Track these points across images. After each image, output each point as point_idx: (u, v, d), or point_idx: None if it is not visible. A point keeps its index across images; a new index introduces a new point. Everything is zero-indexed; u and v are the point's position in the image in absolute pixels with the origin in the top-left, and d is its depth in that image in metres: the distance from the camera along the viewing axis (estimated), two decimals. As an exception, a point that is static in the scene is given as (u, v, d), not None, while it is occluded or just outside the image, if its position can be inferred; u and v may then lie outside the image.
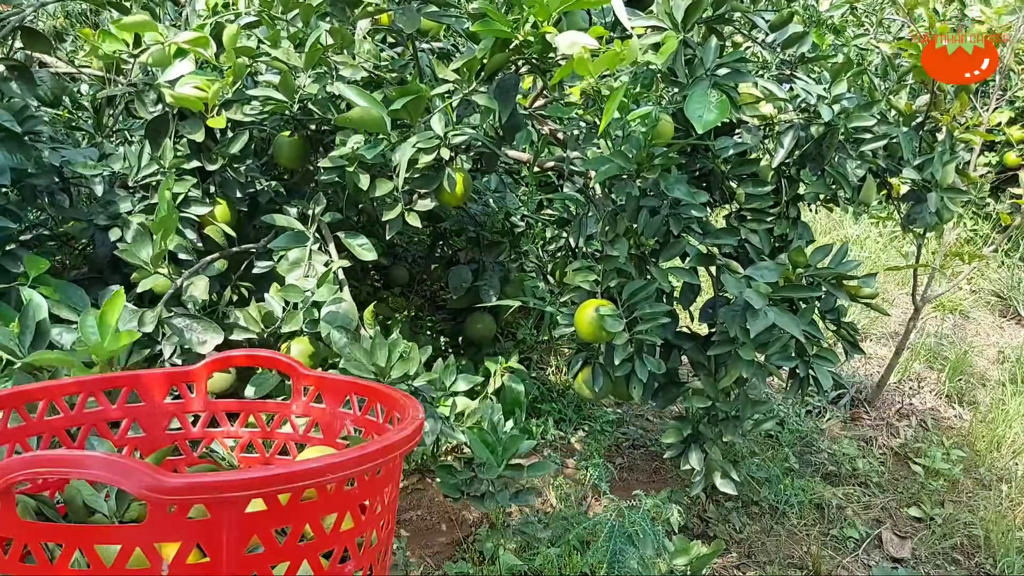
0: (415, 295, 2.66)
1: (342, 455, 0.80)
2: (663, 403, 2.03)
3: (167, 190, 1.55)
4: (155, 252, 1.58)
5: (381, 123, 1.58)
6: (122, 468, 0.70)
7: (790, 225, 1.89)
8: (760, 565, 2.08)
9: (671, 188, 1.69)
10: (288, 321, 1.63)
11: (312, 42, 1.63)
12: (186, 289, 1.65)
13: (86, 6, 3.73)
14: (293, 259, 1.69)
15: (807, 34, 1.84)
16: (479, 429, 1.60)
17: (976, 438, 2.78)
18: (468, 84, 1.65)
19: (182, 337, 1.59)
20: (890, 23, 3.65)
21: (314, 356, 1.63)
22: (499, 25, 1.49)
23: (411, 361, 1.49)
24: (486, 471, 1.60)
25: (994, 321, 3.87)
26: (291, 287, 1.63)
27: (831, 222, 4.51)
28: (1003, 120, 3.97)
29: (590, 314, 1.71)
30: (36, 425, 1.07)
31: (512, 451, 1.61)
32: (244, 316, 1.68)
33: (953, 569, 2.17)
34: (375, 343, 1.47)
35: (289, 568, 0.81)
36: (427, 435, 1.48)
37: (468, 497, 1.62)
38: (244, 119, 1.76)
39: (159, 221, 1.54)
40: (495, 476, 1.60)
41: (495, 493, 1.62)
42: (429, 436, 1.48)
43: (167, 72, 1.67)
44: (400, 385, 1.47)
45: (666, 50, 1.44)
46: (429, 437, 1.48)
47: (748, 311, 1.72)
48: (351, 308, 1.61)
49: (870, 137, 1.85)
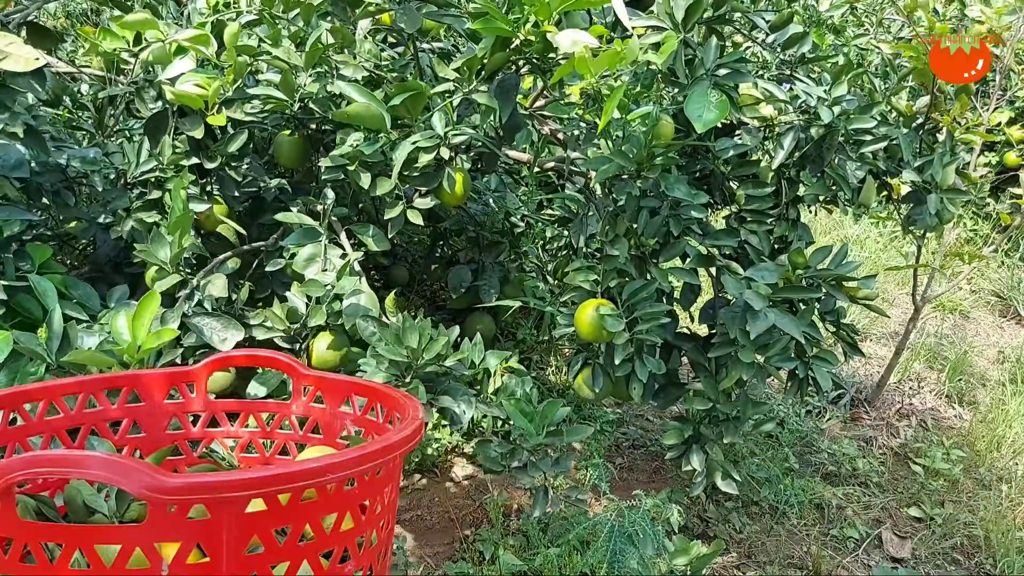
0: (415, 295, 2.66)
1: (342, 455, 0.80)
2: (664, 404, 2.03)
3: (181, 189, 1.55)
4: (173, 252, 1.59)
5: (380, 119, 1.58)
6: (122, 468, 0.70)
7: (790, 226, 1.89)
8: (760, 565, 2.08)
9: (671, 188, 1.69)
10: (313, 316, 1.65)
11: (313, 41, 1.63)
12: (203, 288, 1.65)
13: (87, 5, 3.73)
14: (308, 255, 1.69)
15: (807, 34, 1.84)
16: (516, 400, 1.64)
17: (976, 438, 2.78)
18: (468, 83, 1.65)
19: (202, 335, 1.60)
20: (890, 23, 3.65)
21: (339, 347, 1.64)
22: (500, 24, 1.49)
23: (441, 343, 1.51)
24: (528, 440, 1.64)
25: (994, 321, 3.87)
26: (312, 282, 1.64)
27: (831, 222, 4.51)
28: (1003, 120, 3.97)
29: (590, 314, 1.71)
30: (36, 425, 1.07)
31: (550, 418, 1.65)
32: (268, 315, 1.70)
33: (953, 569, 2.17)
34: (405, 328, 1.49)
35: (289, 568, 0.81)
36: (462, 415, 1.52)
37: (510, 470, 1.66)
38: (244, 118, 1.76)
39: (175, 221, 1.54)
40: (537, 444, 1.64)
41: (537, 462, 1.67)
42: (465, 415, 1.52)
43: (168, 70, 1.68)
44: (432, 366, 1.50)
45: (666, 50, 1.44)
46: (465, 416, 1.52)
47: (748, 312, 1.72)
48: (371, 298, 1.63)
49: (870, 139, 1.85)
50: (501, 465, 1.66)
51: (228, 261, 1.76)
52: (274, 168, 2.08)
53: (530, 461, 1.66)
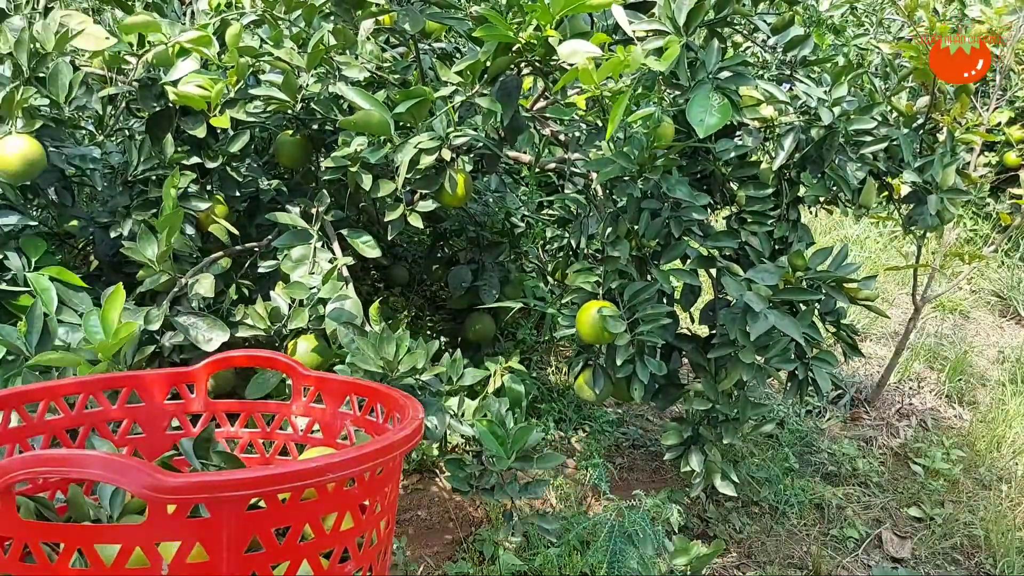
0: (415, 295, 2.66)
1: (342, 455, 0.80)
2: (664, 404, 2.03)
3: (172, 187, 1.55)
4: (160, 250, 1.59)
5: (386, 126, 1.58)
6: (122, 468, 0.70)
7: (790, 227, 1.89)
8: (760, 565, 2.09)
9: (673, 190, 1.70)
10: (294, 318, 1.64)
11: (315, 42, 1.63)
12: (191, 287, 1.65)
13: (87, 5, 3.73)
14: (297, 257, 1.69)
15: (809, 37, 1.84)
16: (488, 422, 1.62)
17: (976, 438, 2.78)
18: (471, 86, 1.65)
19: (187, 335, 1.59)
20: (890, 23, 3.65)
21: (320, 352, 1.64)
22: (502, 29, 1.49)
23: (418, 355, 1.49)
24: (496, 463, 1.61)
25: (994, 321, 3.87)
26: (296, 284, 1.63)
27: (831, 222, 4.50)
28: (1003, 120, 3.97)
29: (592, 315, 1.71)
30: (36, 425, 1.07)
31: (521, 443, 1.62)
32: (251, 314, 1.69)
33: (953, 569, 2.17)
34: (382, 338, 1.47)
35: (289, 568, 0.81)
36: (435, 431, 1.49)
37: (477, 491, 1.63)
38: (246, 118, 1.76)
39: (164, 219, 1.54)
40: (505, 468, 1.61)
41: (504, 485, 1.64)
42: (437, 431, 1.49)
43: (171, 71, 1.68)
44: (408, 379, 1.47)
45: (669, 56, 1.43)
46: (437, 432, 1.49)
47: (749, 314, 1.72)
48: (356, 304, 1.62)
49: (870, 139, 1.85)
50: (469, 486, 1.63)
51: (219, 260, 1.75)
52: (273, 168, 2.08)
53: (497, 484, 1.64)
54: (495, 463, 1.61)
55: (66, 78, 1.59)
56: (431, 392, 1.53)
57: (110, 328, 1.32)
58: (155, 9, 1.99)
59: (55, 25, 1.59)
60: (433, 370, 1.53)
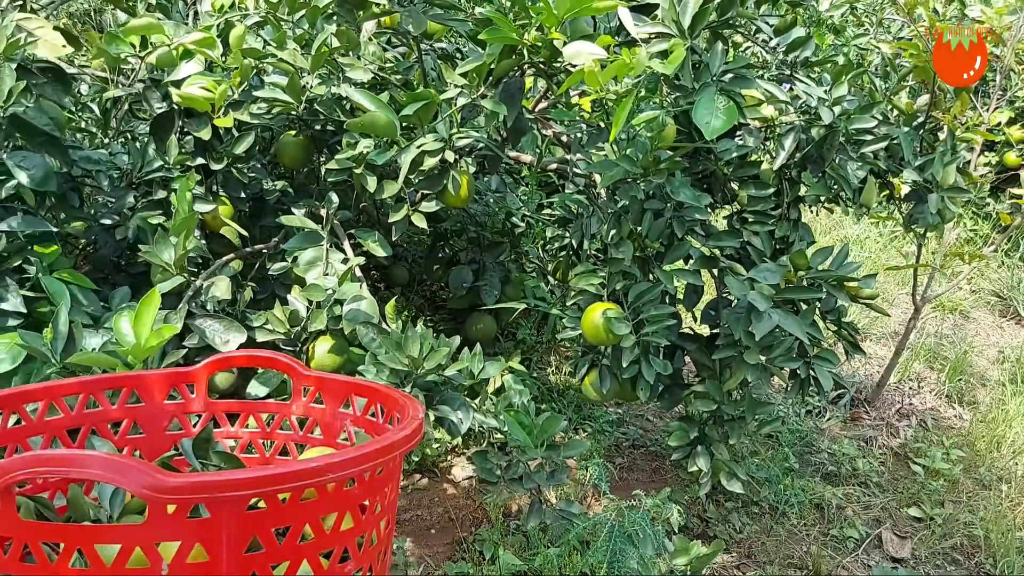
0: (415, 295, 2.66)
1: (342, 455, 0.80)
2: (668, 404, 2.03)
3: (187, 191, 1.55)
4: (177, 254, 1.59)
5: (392, 128, 1.59)
6: (122, 468, 0.70)
7: (791, 227, 1.89)
8: (760, 565, 2.09)
9: (676, 191, 1.70)
10: (314, 320, 1.65)
11: (319, 44, 1.63)
12: (206, 290, 1.65)
13: (88, 6, 3.73)
14: (309, 259, 1.70)
15: (810, 38, 1.84)
16: (515, 412, 1.64)
17: (976, 438, 2.78)
18: (476, 88, 1.65)
19: (204, 337, 1.60)
20: (890, 23, 3.65)
21: (338, 352, 1.65)
22: (507, 32, 1.49)
23: (440, 352, 1.51)
24: (524, 453, 1.65)
25: (994, 321, 3.87)
26: (313, 286, 1.64)
27: (831, 222, 4.50)
28: (1003, 120, 3.97)
29: (597, 317, 1.72)
30: (36, 425, 1.07)
31: (549, 432, 1.66)
32: (270, 318, 1.70)
33: (953, 569, 2.17)
34: (406, 336, 1.49)
35: (289, 568, 0.81)
36: (459, 424, 1.52)
37: (506, 481, 1.67)
38: (250, 120, 1.76)
39: (180, 222, 1.54)
40: (535, 457, 1.65)
41: (532, 474, 1.68)
42: (462, 425, 1.52)
43: (174, 73, 1.68)
44: (433, 375, 1.50)
45: (674, 59, 1.42)
46: (462, 426, 1.52)
47: (753, 313, 1.72)
48: (372, 304, 1.63)
49: (871, 139, 1.85)
50: (497, 477, 1.67)
51: (231, 263, 1.76)
52: (276, 169, 2.08)
53: (526, 473, 1.67)
54: (524, 452, 1.64)
55: (6, 85, 1.54)
56: (453, 387, 1.55)
57: (143, 332, 1.33)
58: (160, 10, 1.99)
59: (9, 29, 1.54)
60: (456, 365, 1.55)
